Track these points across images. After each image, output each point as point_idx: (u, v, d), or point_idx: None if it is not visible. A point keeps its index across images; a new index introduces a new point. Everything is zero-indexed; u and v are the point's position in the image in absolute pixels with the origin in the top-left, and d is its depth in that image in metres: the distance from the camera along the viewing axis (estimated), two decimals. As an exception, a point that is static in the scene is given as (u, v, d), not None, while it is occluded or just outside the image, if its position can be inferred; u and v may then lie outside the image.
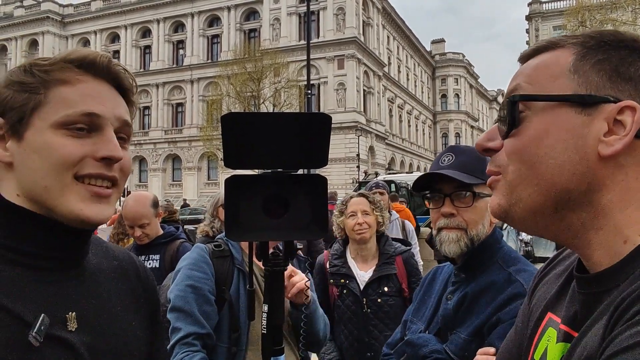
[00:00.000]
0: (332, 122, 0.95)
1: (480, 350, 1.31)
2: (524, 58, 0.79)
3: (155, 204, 3.31)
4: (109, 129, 0.87)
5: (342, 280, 2.89)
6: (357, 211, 2.89)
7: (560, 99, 0.69)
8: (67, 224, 0.85)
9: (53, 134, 0.83)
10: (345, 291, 2.87)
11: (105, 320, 0.89)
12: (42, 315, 0.78)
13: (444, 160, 1.64)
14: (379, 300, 2.80)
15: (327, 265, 3.01)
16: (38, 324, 0.77)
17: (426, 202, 1.70)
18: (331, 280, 2.95)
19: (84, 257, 0.91)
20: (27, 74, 0.86)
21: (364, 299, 2.81)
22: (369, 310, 2.80)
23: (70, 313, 0.83)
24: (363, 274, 2.88)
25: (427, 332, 1.64)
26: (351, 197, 3.01)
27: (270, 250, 1.10)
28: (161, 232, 3.36)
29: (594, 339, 0.63)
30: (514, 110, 0.72)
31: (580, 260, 0.75)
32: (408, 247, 3.09)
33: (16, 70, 0.88)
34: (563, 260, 0.87)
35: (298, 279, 1.91)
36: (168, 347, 1.93)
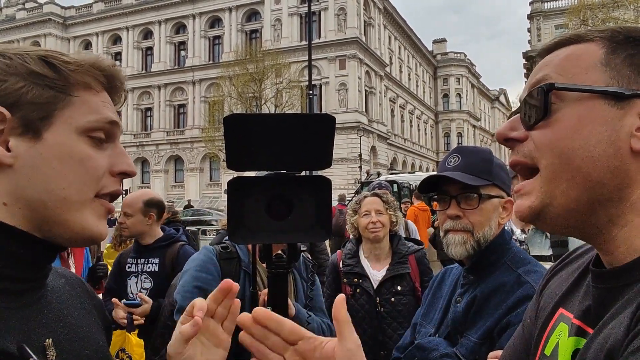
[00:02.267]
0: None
1: (491, 354, 1.29)
2: (545, 52, 0.78)
3: (149, 203, 3.23)
4: (119, 141, 0.83)
5: (356, 280, 2.91)
6: (370, 210, 2.91)
7: (597, 92, 0.68)
8: (58, 241, 0.77)
9: (78, 140, 0.76)
10: (358, 290, 2.89)
11: (78, 344, 0.81)
12: (24, 346, 0.68)
13: (451, 162, 1.63)
14: (393, 299, 2.82)
15: (341, 265, 3.02)
16: (32, 354, 0.68)
17: (433, 204, 1.69)
18: (344, 280, 2.96)
19: (48, 276, 0.82)
20: (48, 67, 0.76)
21: (378, 298, 2.83)
22: (382, 309, 2.82)
23: (47, 340, 0.74)
24: (376, 273, 2.91)
25: (436, 335, 1.63)
26: (365, 197, 3.04)
27: (275, 252, 1.09)
28: (160, 234, 3.30)
29: (617, 332, 0.62)
30: (546, 99, 0.70)
31: (597, 256, 0.75)
32: (420, 247, 3.11)
33: (31, 59, 0.76)
34: (577, 258, 0.87)
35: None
36: None
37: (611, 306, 0.67)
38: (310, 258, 2.41)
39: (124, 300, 3.01)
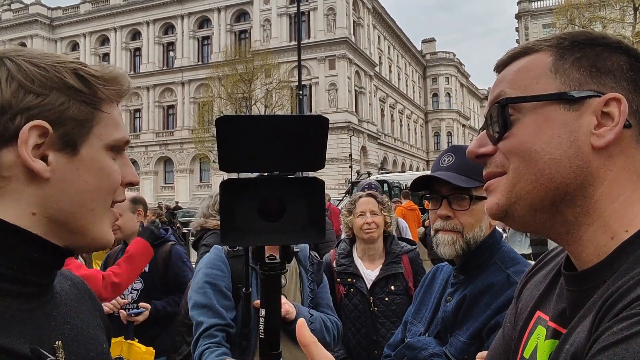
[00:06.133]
0: (324, 122, 0.93)
1: (479, 355, 1.30)
2: (500, 66, 0.81)
3: (135, 200, 3.28)
4: (125, 153, 0.88)
5: (349, 280, 2.92)
6: (365, 211, 2.92)
7: (547, 98, 0.71)
8: (73, 247, 0.81)
9: (106, 155, 0.80)
10: (352, 290, 2.91)
11: (83, 346, 0.83)
12: (38, 348, 0.70)
13: (444, 161, 1.64)
14: (386, 298, 2.84)
15: (334, 265, 3.03)
16: (47, 353, 0.70)
17: (425, 202, 1.70)
18: (338, 279, 2.98)
19: (54, 279, 0.84)
20: (80, 80, 0.78)
21: (371, 298, 2.85)
22: (376, 308, 2.84)
23: (57, 342, 0.76)
24: (370, 273, 2.92)
25: (426, 334, 1.64)
26: (360, 197, 3.05)
27: (268, 254, 1.08)
28: None
29: (581, 335, 0.64)
30: (504, 113, 0.74)
31: (568, 258, 0.77)
32: (414, 247, 3.13)
33: (64, 72, 0.77)
34: (550, 260, 0.88)
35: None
36: (192, 340, 2.05)
37: (582, 308, 0.68)
38: (317, 256, 2.43)
39: (129, 311, 3.04)
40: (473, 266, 1.59)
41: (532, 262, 0.99)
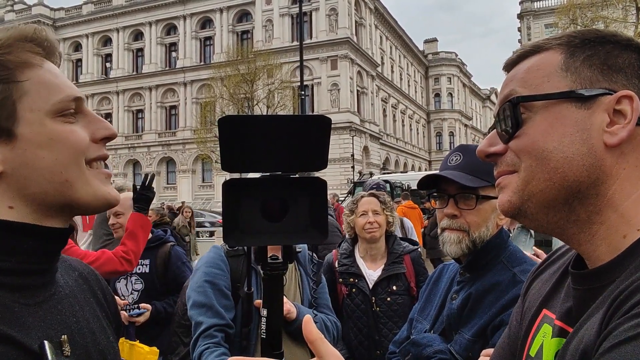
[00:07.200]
0: (327, 122, 0.93)
1: (483, 352, 1.31)
2: (510, 65, 0.80)
3: None
4: (87, 108, 0.81)
5: (351, 280, 2.92)
6: (368, 210, 2.92)
7: (559, 96, 0.71)
8: (80, 213, 0.79)
9: (54, 123, 0.74)
10: (354, 290, 2.90)
11: (90, 339, 0.82)
12: (45, 344, 0.70)
13: (452, 160, 1.64)
14: (388, 299, 2.84)
15: (336, 264, 3.03)
16: (49, 353, 0.69)
17: (432, 201, 1.70)
18: (340, 279, 2.98)
19: (56, 269, 0.82)
20: None
21: (373, 298, 2.85)
22: (378, 308, 2.84)
23: (63, 336, 0.75)
24: (372, 272, 2.92)
25: (432, 331, 1.65)
26: (362, 197, 3.04)
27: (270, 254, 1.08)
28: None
29: (590, 332, 0.64)
30: (516, 111, 0.74)
31: (575, 257, 0.77)
32: (416, 247, 3.12)
33: None
34: (557, 258, 0.88)
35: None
36: (191, 340, 2.03)
37: (589, 307, 0.68)
38: (315, 256, 2.44)
39: (130, 312, 3.04)
40: (479, 265, 1.59)
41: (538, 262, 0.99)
